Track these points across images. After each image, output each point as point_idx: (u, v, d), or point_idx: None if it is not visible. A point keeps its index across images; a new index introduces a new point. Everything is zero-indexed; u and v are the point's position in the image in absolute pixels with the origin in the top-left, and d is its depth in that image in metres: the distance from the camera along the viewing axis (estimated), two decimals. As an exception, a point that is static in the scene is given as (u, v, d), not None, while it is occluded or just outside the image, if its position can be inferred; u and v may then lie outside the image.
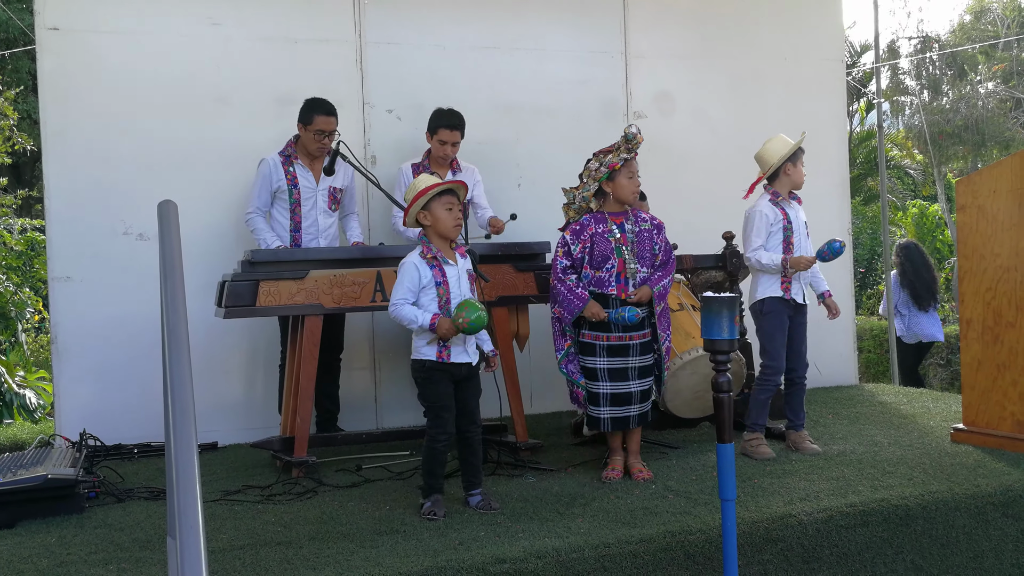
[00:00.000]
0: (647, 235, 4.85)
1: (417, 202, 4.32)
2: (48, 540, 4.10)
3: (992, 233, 5.33)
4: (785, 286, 5.34)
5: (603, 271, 4.76)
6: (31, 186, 17.61)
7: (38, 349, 11.64)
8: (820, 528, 4.08)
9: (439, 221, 4.34)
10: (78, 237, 6.10)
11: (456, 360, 4.34)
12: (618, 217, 4.82)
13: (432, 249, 4.35)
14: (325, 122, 5.76)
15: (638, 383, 4.83)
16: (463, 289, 4.38)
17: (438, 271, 4.31)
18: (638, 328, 4.80)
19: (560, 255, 4.81)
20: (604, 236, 4.76)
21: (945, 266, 15.28)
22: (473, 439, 4.44)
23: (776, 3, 7.83)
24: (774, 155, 5.40)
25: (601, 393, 4.79)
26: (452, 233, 4.38)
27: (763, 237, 5.37)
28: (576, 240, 4.79)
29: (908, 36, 25.40)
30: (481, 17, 7.04)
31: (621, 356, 4.79)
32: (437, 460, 4.35)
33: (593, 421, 4.87)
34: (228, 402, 6.35)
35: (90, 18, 6.17)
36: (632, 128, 4.75)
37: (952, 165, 22.39)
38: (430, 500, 4.30)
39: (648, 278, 4.82)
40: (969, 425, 5.43)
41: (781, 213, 5.38)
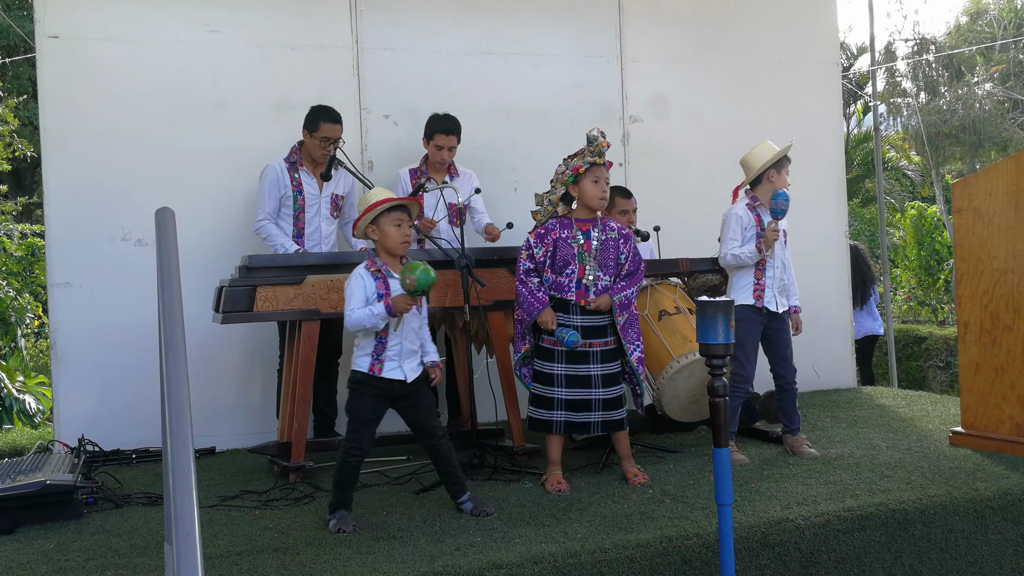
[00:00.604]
0: (612, 244, 4.83)
1: (365, 216, 4.30)
2: (46, 546, 4.10)
3: (989, 236, 5.34)
4: (757, 294, 5.33)
5: (563, 276, 4.75)
6: (31, 192, 17.66)
7: (37, 354, 11.66)
8: (818, 533, 4.08)
9: (386, 237, 4.31)
10: (77, 243, 6.12)
11: (388, 375, 4.29)
12: (585, 224, 4.81)
13: (377, 263, 4.33)
14: (331, 129, 5.77)
15: (602, 391, 4.76)
16: None
17: (382, 283, 4.27)
18: (599, 336, 4.77)
19: (523, 257, 4.80)
20: (567, 241, 4.75)
21: (944, 268, 15.28)
22: (441, 451, 4.40)
23: (771, 6, 7.85)
24: (758, 161, 5.41)
25: (556, 398, 4.75)
26: (399, 250, 4.34)
27: (738, 239, 5.38)
28: (539, 243, 4.79)
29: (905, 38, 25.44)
30: (477, 22, 7.06)
31: (581, 363, 4.75)
32: (347, 474, 4.28)
33: (542, 424, 4.79)
34: (225, 407, 6.35)
35: (90, 26, 6.19)
36: (593, 131, 4.72)
37: (950, 166, 22.42)
38: (335, 516, 4.21)
39: (610, 287, 4.81)
40: (968, 428, 5.43)
41: (755, 219, 5.38)
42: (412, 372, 4.36)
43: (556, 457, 4.86)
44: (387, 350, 4.29)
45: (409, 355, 4.35)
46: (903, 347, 12.39)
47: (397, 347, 4.30)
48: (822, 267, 7.76)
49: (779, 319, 5.42)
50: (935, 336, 12.41)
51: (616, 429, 4.87)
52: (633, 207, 6.20)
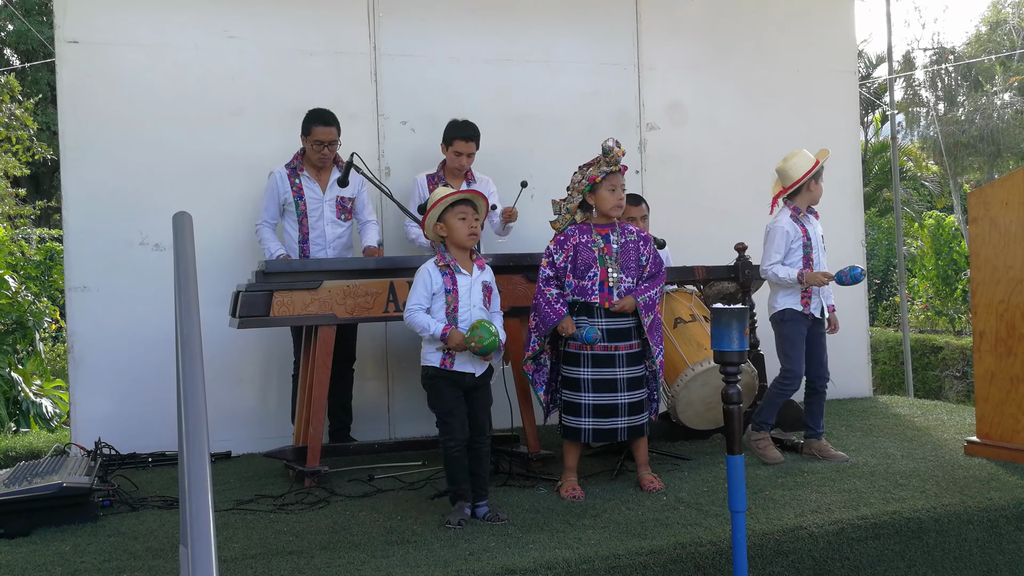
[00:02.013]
0: (632, 246, 4.85)
1: (431, 213, 4.36)
2: (62, 548, 4.13)
3: (1004, 245, 5.32)
4: (805, 301, 5.38)
5: (586, 280, 4.77)
6: (50, 196, 17.79)
7: (55, 358, 11.73)
8: (831, 541, 4.08)
9: (453, 231, 4.39)
10: (95, 247, 6.16)
11: (460, 369, 4.37)
12: (603, 228, 4.84)
13: (446, 257, 4.40)
14: (323, 132, 5.81)
15: (627, 395, 4.78)
16: (473, 299, 4.41)
17: (449, 279, 4.35)
18: (624, 339, 4.79)
19: (544, 265, 4.83)
20: (587, 246, 4.78)
21: (962, 278, 15.20)
22: (481, 450, 4.46)
23: (788, 15, 7.85)
24: (799, 171, 5.41)
25: (583, 404, 4.76)
26: (467, 243, 4.42)
27: (782, 253, 5.41)
28: (559, 250, 4.81)
29: (924, 48, 25.36)
30: (494, 29, 7.08)
31: (607, 367, 4.76)
32: (454, 466, 4.37)
33: (572, 432, 4.81)
34: (241, 412, 6.38)
35: (109, 31, 6.24)
36: (609, 142, 4.75)
37: (968, 176, 22.33)
38: (455, 508, 4.34)
39: (633, 288, 4.83)
40: (983, 438, 5.41)
41: (801, 230, 5.41)
42: (481, 367, 4.45)
43: (572, 464, 4.87)
44: None
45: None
46: (919, 356, 12.34)
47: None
48: (838, 277, 7.74)
49: (819, 324, 5.48)
50: (952, 346, 12.34)
51: (638, 435, 4.89)
52: (642, 214, 6.21)
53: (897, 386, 11.63)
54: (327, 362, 5.15)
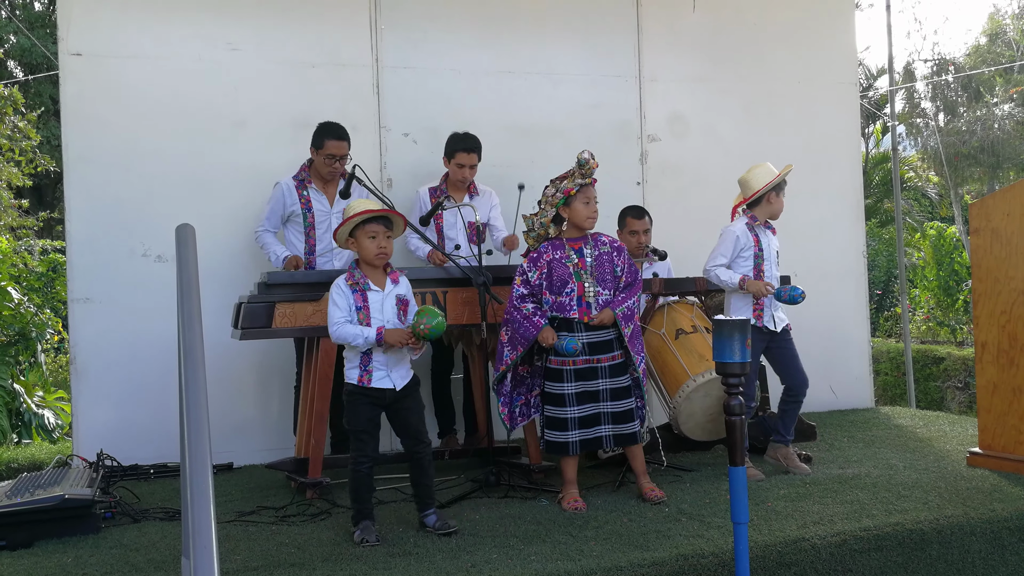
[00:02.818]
0: (607, 258, 4.85)
1: (342, 228, 4.37)
2: (64, 560, 4.13)
3: (1006, 256, 5.32)
4: (757, 313, 5.38)
5: (563, 295, 4.77)
6: (53, 208, 17.81)
7: (57, 369, 11.72)
8: (834, 552, 4.07)
9: (362, 248, 4.38)
10: (98, 258, 6.17)
11: (377, 385, 4.34)
12: (576, 243, 4.84)
13: (356, 275, 4.38)
14: (336, 146, 5.81)
15: (611, 404, 4.79)
16: (386, 314, 4.36)
17: (359, 295, 4.33)
18: (606, 351, 4.79)
19: (518, 283, 4.83)
20: (562, 262, 4.78)
21: (963, 289, 15.20)
22: (421, 458, 4.44)
23: (789, 27, 7.87)
24: (759, 182, 5.46)
25: (569, 418, 4.77)
26: (375, 262, 4.39)
27: (728, 257, 5.45)
28: (534, 267, 4.81)
29: (924, 59, 25.42)
30: (496, 42, 7.10)
31: (590, 379, 4.77)
32: (360, 484, 4.33)
33: (558, 447, 4.80)
34: (243, 423, 6.38)
35: (112, 44, 6.26)
36: (585, 154, 4.77)
37: (969, 187, 22.35)
38: (359, 528, 4.27)
39: (611, 300, 4.82)
40: (985, 449, 5.41)
41: (754, 239, 5.43)
42: (401, 380, 4.41)
43: (572, 476, 4.87)
44: (372, 361, 4.34)
45: (396, 364, 4.39)
46: (921, 367, 12.32)
47: (383, 357, 4.35)
48: (839, 287, 7.75)
49: (781, 337, 5.46)
50: (953, 357, 12.33)
51: (629, 443, 4.89)
52: (644, 227, 6.22)
53: (899, 397, 11.63)
54: (329, 374, 5.15)
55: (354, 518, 4.34)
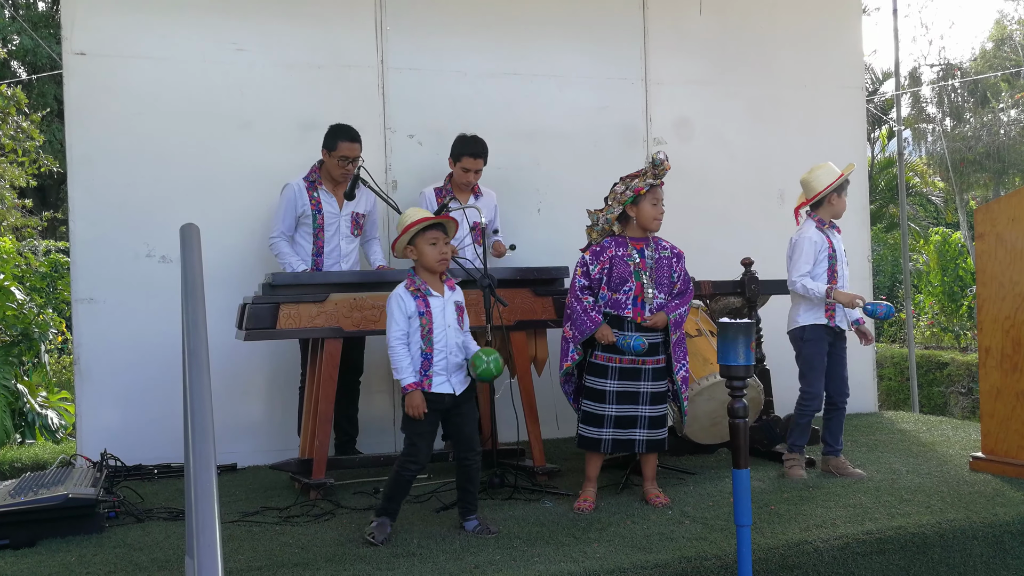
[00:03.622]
0: (666, 262, 4.87)
1: (403, 237, 4.37)
2: (68, 559, 4.13)
3: (1011, 261, 5.32)
4: (830, 314, 5.35)
5: (620, 293, 4.77)
6: (56, 208, 17.84)
7: (60, 370, 11.72)
8: (836, 556, 4.07)
9: (423, 256, 4.39)
10: (102, 259, 6.17)
11: (437, 390, 4.35)
12: (639, 243, 4.84)
13: (416, 281, 4.39)
14: (349, 148, 5.81)
15: (649, 408, 4.81)
16: (448, 319, 4.39)
17: (421, 301, 4.34)
18: (651, 354, 4.80)
19: (579, 274, 4.84)
20: (623, 259, 4.78)
21: (968, 294, 15.18)
22: (471, 466, 4.45)
23: (796, 30, 7.86)
24: (821, 183, 5.41)
25: (606, 415, 4.78)
26: (437, 268, 4.41)
27: (811, 264, 5.39)
28: (595, 261, 4.82)
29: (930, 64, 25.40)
30: (501, 44, 7.10)
31: (632, 380, 4.78)
32: (400, 487, 4.36)
33: (591, 442, 4.82)
34: (247, 424, 6.38)
35: (116, 43, 6.27)
36: (660, 154, 4.75)
37: (974, 192, 22.33)
38: (377, 521, 4.30)
39: (665, 304, 4.83)
40: (988, 454, 5.40)
41: (827, 240, 5.40)
42: (460, 385, 4.43)
43: (594, 474, 4.89)
44: (433, 365, 4.35)
45: (455, 369, 4.41)
46: (925, 372, 12.31)
47: (443, 362, 4.36)
48: (844, 291, 7.73)
49: (841, 338, 5.47)
50: (957, 362, 12.33)
51: (658, 449, 4.91)
52: None
53: (902, 402, 11.62)
54: (333, 375, 5.16)
55: (378, 510, 4.36)
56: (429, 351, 4.33)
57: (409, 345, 4.32)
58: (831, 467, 5.43)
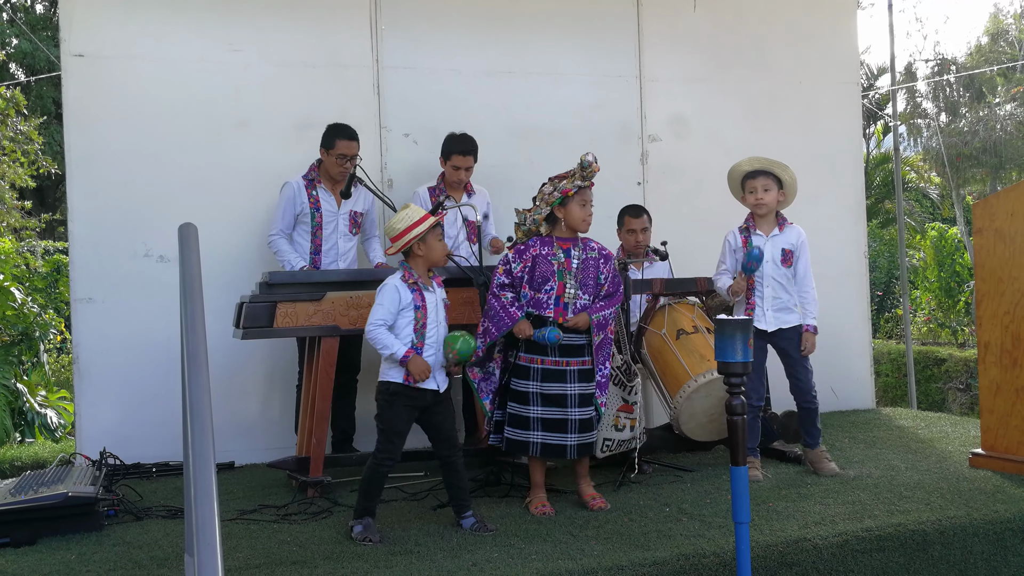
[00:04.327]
0: (592, 263, 4.81)
1: (413, 231, 4.38)
2: (68, 557, 4.14)
3: (1010, 256, 5.32)
4: (748, 314, 5.34)
5: (542, 293, 4.72)
6: (54, 209, 17.84)
7: (60, 369, 11.72)
8: (835, 553, 4.08)
9: (433, 251, 4.42)
10: (100, 259, 6.18)
11: (423, 386, 4.36)
12: (565, 243, 4.79)
13: (414, 275, 4.41)
14: (347, 146, 5.82)
15: (578, 411, 4.71)
16: (439, 316, 4.44)
17: (418, 295, 4.37)
18: (577, 355, 4.74)
19: (500, 272, 4.79)
20: (547, 258, 4.74)
21: (965, 290, 15.19)
22: (455, 463, 4.45)
23: (791, 27, 7.86)
24: (733, 193, 5.58)
25: (531, 417, 4.70)
26: (443, 262, 4.52)
27: (728, 263, 5.48)
28: (518, 259, 4.77)
29: (925, 59, 25.41)
30: (496, 42, 7.10)
31: (557, 381, 4.70)
32: (377, 483, 4.36)
33: (519, 445, 4.75)
34: (245, 422, 6.39)
35: (114, 45, 6.27)
36: (588, 156, 4.71)
37: (971, 187, 22.34)
38: (362, 524, 4.28)
39: (589, 306, 4.78)
40: (988, 450, 5.40)
41: (743, 241, 5.42)
42: (444, 382, 4.46)
43: (540, 480, 4.83)
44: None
45: (437, 368, 4.43)
46: (922, 369, 12.32)
47: (432, 358, 4.39)
48: (840, 288, 7.73)
49: (784, 337, 5.40)
50: (955, 358, 12.33)
51: (588, 452, 4.84)
52: (642, 226, 6.21)
53: (899, 398, 11.62)
54: (330, 373, 5.17)
55: (358, 512, 4.34)
56: (420, 345, 4.35)
57: (397, 338, 4.34)
58: (808, 459, 5.44)
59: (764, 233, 5.42)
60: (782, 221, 5.49)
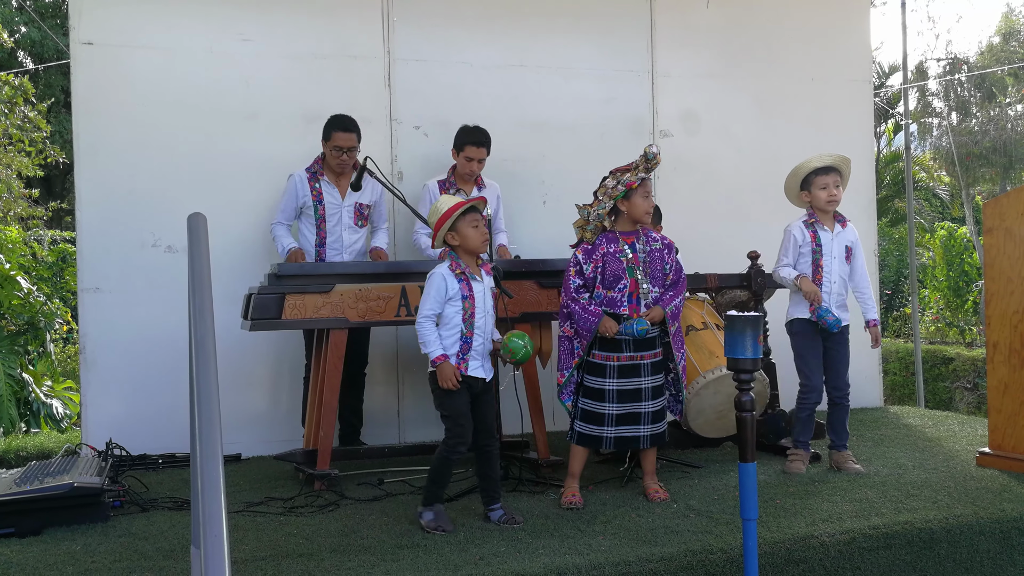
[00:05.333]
0: (658, 255, 4.82)
1: (445, 223, 4.36)
2: (73, 548, 4.14)
3: (1020, 255, 5.30)
4: (813, 308, 5.33)
5: (615, 291, 4.72)
6: (62, 198, 17.85)
7: (66, 359, 11.75)
8: (842, 550, 4.06)
9: (467, 239, 4.39)
10: (108, 249, 6.18)
11: (473, 374, 4.38)
12: (629, 237, 4.79)
13: (460, 264, 4.39)
14: (343, 138, 5.82)
15: (651, 404, 4.77)
16: (487, 306, 4.43)
17: (465, 285, 4.36)
18: (650, 348, 4.77)
19: (572, 274, 4.78)
20: (616, 256, 4.73)
21: (973, 289, 15.16)
22: (492, 452, 4.47)
23: (803, 23, 7.84)
24: (788, 191, 5.51)
25: (607, 414, 4.73)
26: (481, 248, 4.44)
27: (790, 256, 5.42)
28: (588, 260, 4.76)
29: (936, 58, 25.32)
30: (508, 36, 7.08)
31: (632, 376, 4.74)
32: (448, 469, 4.38)
33: (592, 440, 4.77)
34: (252, 414, 6.39)
35: (124, 33, 6.26)
36: (653, 148, 4.69)
37: (981, 187, 22.26)
38: (433, 511, 4.30)
39: (660, 298, 4.79)
40: (995, 449, 5.38)
41: (811, 236, 5.38)
42: (489, 371, 4.49)
43: (577, 471, 4.85)
44: (472, 349, 4.37)
45: (486, 356, 4.46)
46: (930, 367, 12.30)
47: (481, 347, 4.41)
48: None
49: (838, 335, 5.41)
50: (963, 357, 12.31)
51: (660, 443, 4.89)
52: (657, 232, 6.17)
53: (907, 397, 11.60)
54: (338, 365, 5.16)
55: (427, 499, 4.36)
56: (470, 335, 4.36)
57: (446, 327, 4.35)
58: (833, 462, 5.42)
59: (829, 229, 5.41)
60: (841, 218, 5.48)
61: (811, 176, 5.40)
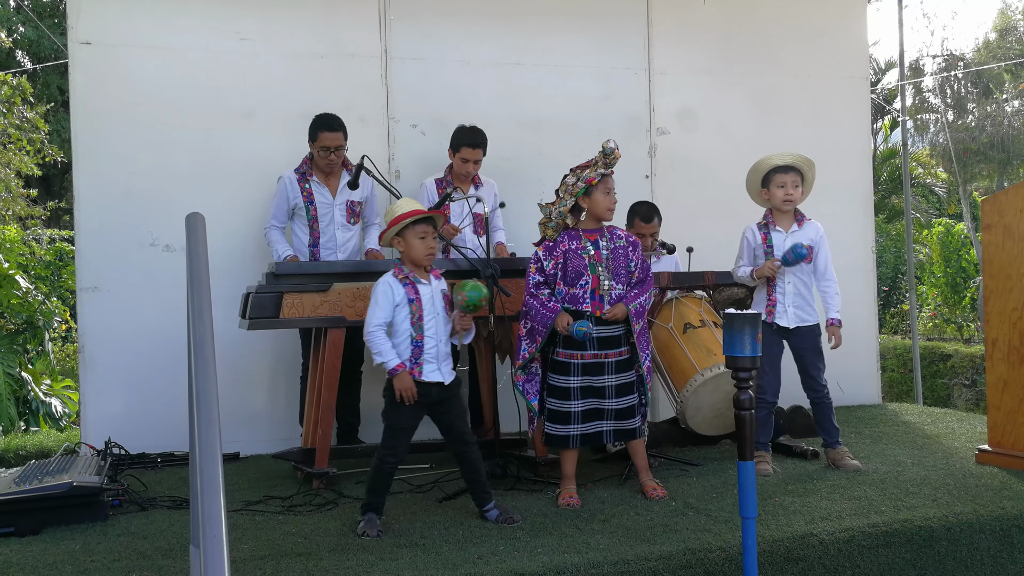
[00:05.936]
0: (622, 252, 4.80)
1: (393, 228, 4.35)
2: (72, 547, 4.14)
3: (1018, 252, 5.29)
4: (769, 309, 5.32)
5: (577, 288, 4.71)
6: (60, 197, 17.85)
7: (64, 358, 11.75)
8: (842, 548, 4.06)
9: (411, 248, 4.36)
10: (106, 248, 6.18)
11: (427, 379, 4.33)
12: (592, 234, 4.78)
13: (404, 271, 4.37)
14: (329, 138, 5.82)
15: (615, 401, 4.73)
16: (436, 307, 4.39)
17: (411, 289, 4.33)
18: (613, 346, 4.74)
19: (533, 271, 4.77)
20: (577, 253, 4.72)
21: (970, 286, 15.17)
22: (471, 458, 4.43)
23: (800, 20, 7.84)
24: (749, 188, 5.52)
25: (572, 412, 4.72)
26: (424, 262, 4.39)
27: (745, 258, 5.46)
28: (549, 256, 4.76)
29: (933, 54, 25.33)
30: (505, 33, 7.08)
31: (595, 374, 4.71)
32: (381, 480, 4.33)
33: (559, 440, 4.76)
34: (250, 413, 6.39)
35: (122, 33, 6.26)
36: (611, 143, 4.67)
37: (978, 184, 22.28)
38: (364, 519, 4.26)
39: (624, 295, 4.78)
40: (994, 446, 5.38)
41: (762, 237, 5.39)
42: (449, 375, 4.42)
43: (570, 471, 4.83)
44: (424, 353, 4.32)
45: (444, 357, 4.40)
46: (928, 364, 12.30)
47: (434, 349, 4.35)
48: (848, 283, 7.63)
49: (801, 335, 5.36)
50: (961, 354, 12.32)
51: (629, 438, 4.86)
52: (652, 231, 6.17)
53: (905, 394, 11.61)
54: (336, 364, 5.16)
55: (364, 508, 4.33)
56: (420, 338, 4.31)
57: (396, 334, 4.31)
58: (829, 460, 5.42)
59: (784, 229, 5.39)
60: (800, 217, 5.45)
61: (771, 174, 5.40)
